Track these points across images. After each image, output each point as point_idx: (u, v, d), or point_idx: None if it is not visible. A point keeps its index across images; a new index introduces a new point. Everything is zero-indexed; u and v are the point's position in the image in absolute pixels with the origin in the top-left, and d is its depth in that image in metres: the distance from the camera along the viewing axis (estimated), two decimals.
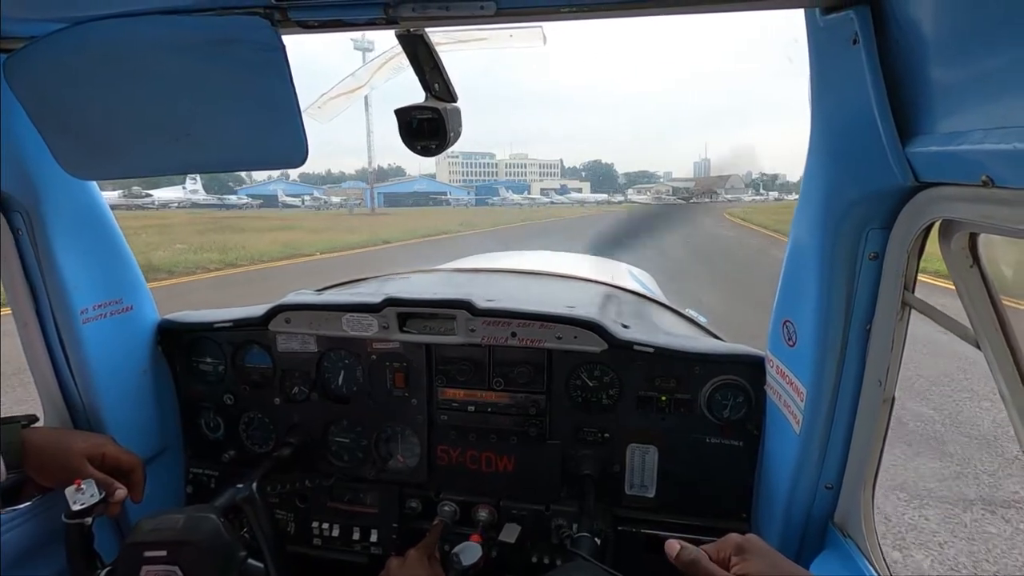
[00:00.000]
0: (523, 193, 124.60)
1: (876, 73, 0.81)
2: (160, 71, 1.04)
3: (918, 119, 0.80)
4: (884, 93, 0.81)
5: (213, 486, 1.84)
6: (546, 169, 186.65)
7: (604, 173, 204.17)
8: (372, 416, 1.74)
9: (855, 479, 1.18)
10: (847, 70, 0.86)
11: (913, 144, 0.81)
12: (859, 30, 0.80)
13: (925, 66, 0.75)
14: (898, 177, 0.85)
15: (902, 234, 0.98)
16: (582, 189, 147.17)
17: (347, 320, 1.65)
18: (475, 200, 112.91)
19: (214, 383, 1.82)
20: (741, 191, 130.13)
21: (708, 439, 1.57)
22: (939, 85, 0.75)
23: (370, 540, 1.75)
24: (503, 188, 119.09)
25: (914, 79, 0.78)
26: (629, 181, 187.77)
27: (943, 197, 0.86)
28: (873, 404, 1.11)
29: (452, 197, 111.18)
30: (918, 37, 0.75)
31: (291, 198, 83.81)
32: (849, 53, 0.83)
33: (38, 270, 1.40)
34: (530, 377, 1.64)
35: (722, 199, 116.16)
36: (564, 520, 1.64)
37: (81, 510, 1.23)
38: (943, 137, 0.76)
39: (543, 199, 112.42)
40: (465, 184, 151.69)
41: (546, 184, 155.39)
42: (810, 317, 1.13)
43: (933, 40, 0.73)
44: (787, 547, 1.31)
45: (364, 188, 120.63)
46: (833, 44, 0.87)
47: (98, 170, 1.27)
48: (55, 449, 1.30)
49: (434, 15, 0.94)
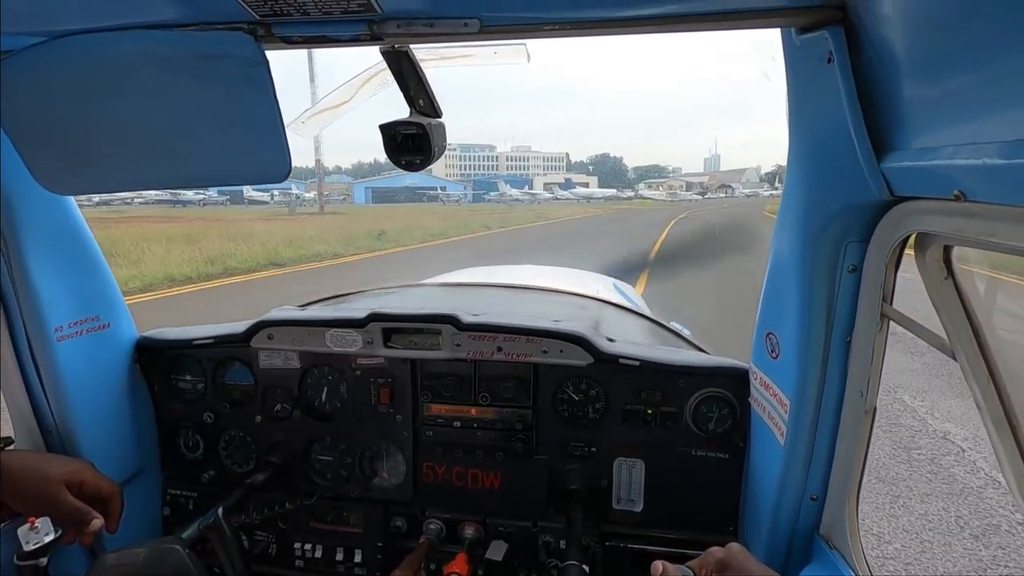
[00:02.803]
0: (524, 188, 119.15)
1: (851, 91, 0.83)
2: (142, 86, 1.03)
3: (892, 135, 0.82)
4: (859, 110, 0.83)
5: (191, 507, 1.79)
6: (551, 162, 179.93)
7: (613, 167, 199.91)
8: (356, 433, 1.72)
9: (840, 490, 1.19)
10: (823, 87, 0.88)
11: (888, 159, 0.84)
12: (833, 49, 0.83)
13: (897, 84, 0.78)
14: (874, 192, 0.87)
15: (879, 247, 1.00)
16: (589, 184, 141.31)
17: (331, 336, 1.64)
18: (472, 196, 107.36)
19: (194, 401, 1.78)
20: (757, 185, 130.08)
21: (694, 452, 1.57)
22: (911, 102, 0.77)
23: (354, 560, 1.71)
24: (502, 183, 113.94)
25: (887, 96, 0.81)
26: (639, 176, 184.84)
27: (917, 211, 0.88)
28: (855, 415, 1.12)
29: (443, 193, 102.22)
30: (890, 56, 0.77)
31: (258, 193, 76.79)
32: (824, 71, 0.85)
33: (11, 285, 1.36)
34: (516, 392, 1.63)
35: (739, 193, 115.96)
36: (551, 537, 1.62)
37: (35, 550, 1.18)
38: (916, 152, 0.78)
39: (545, 195, 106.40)
40: (463, 178, 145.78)
41: (550, 178, 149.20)
42: (792, 329, 1.15)
43: (904, 59, 0.75)
44: (774, 559, 1.31)
45: (350, 183, 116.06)
46: (809, 62, 0.89)
47: (76, 185, 1.25)
48: (32, 474, 1.25)
49: (418, 32, 0.95)
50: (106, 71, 1.02)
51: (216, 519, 1.37)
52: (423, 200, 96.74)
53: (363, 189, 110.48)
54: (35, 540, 1.18)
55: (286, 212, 53.89)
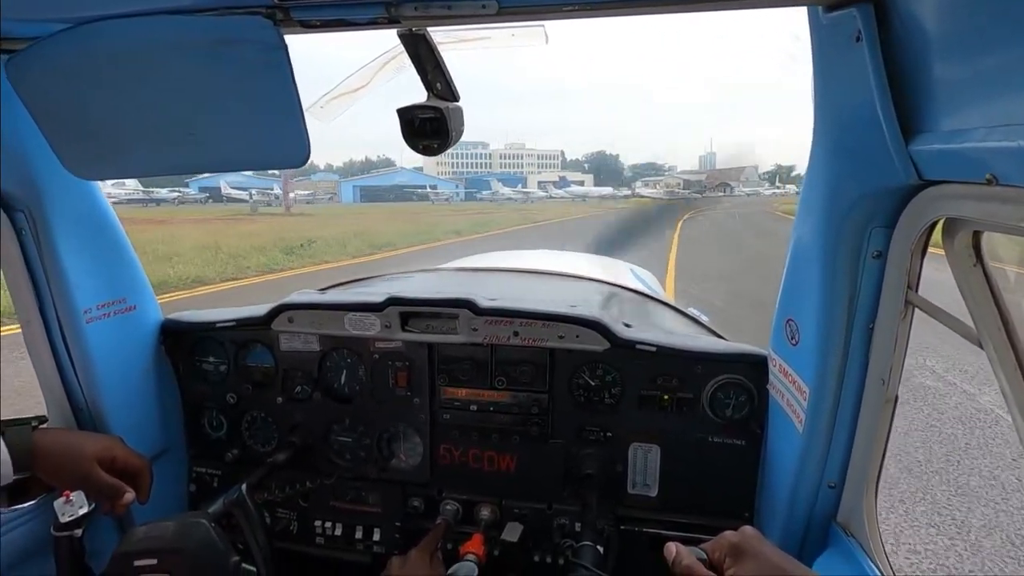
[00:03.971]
0: (517, 186, 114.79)
1: (879, 71, 0.81)
2: (162, 71, 1.04)
3: (921, 117, 0.80)
4: (887, 91, 0.81)
5: (216, 485, 1.85)
6: (545, 160, 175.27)
7: (609, 165, 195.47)
8: (374, 415, 1.74)
9: (858, 478, 1.18)
10: (850, 68, 0.85)
11: (916, 142, 0.81)
12: (862, 27, 0.80)
13: (928, 63, 0.75)
14: (901, 175, 0.85)
15: (905, 233, 0.98)
16: (584, 182, 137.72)
17: (350, 319, 1.66)
18: (464, 194, 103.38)
19: (217, 382, 1.82)
20: (757, 184, 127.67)
21: (710, 438, 1.57)
22: (943, 82, 0.75)
23: (373, 539, 1.75)
24: (495, 181, 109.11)
25: (917, 77, 0.78)
26: (636, 174, 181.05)
27: (946, 195, 0.85)
28: (876, 403, 1.11)
29: (433, 192, 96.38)
30: (922, 34, 0.75)
31: (236, 191, 72.23)
32: (852, 51, 0.83)
33: (41, 270, 1.40)
34: (532, 376, 1.64)
35: (738, 192, 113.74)
36: (566, 519, 1.64)
37: (70, 521, 1.23)
38: (946, 135, 0.76)
39: (539, 193, 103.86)
40: (455, 176, 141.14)
41: (544, 176, 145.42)
42: (813, 316, 1.13)
43: (937, 37, 0.73)
44: (789, 546, 1.31)
45: (337, 181, 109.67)
46: (836, 41, 0.87)
47: (101, 170, 1.27)
48: (65, 451, 1.30)
49: (436, 14, 0.94)
50: (128, 57, 1.03)
51: (240, 495, 1.41)
52: (413, 199, 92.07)
53: (351, 188, 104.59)
54: (70, 513, 1.23)
55: (248, 211, 48.58)
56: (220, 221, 34.47)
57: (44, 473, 1.29)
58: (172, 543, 1.15)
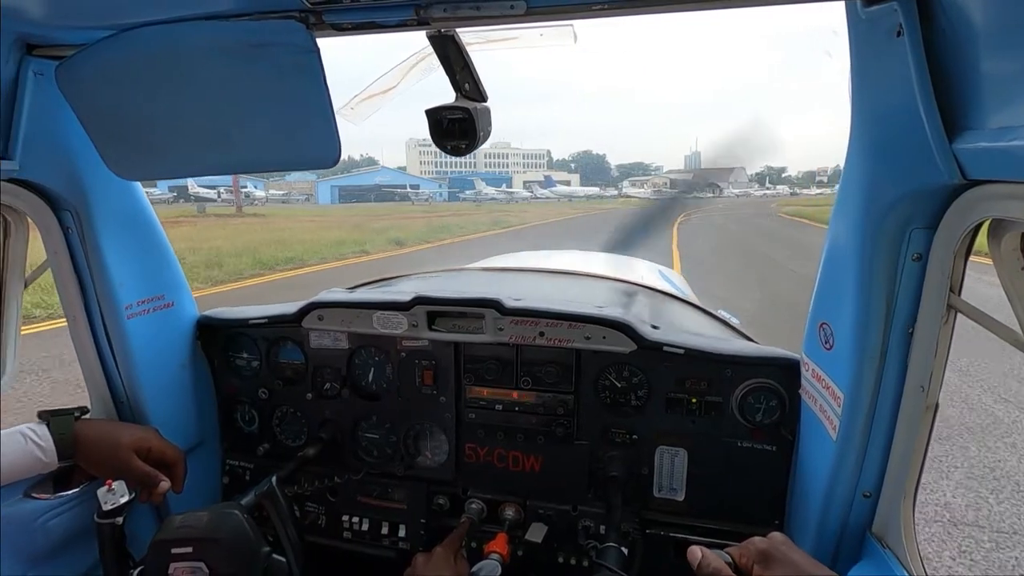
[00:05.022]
0: (502, 186, 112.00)
1: (921, 66, 0.78)
2: (199, 75, 1.07)
3: (966, 114, 0.77)
4: (929, 87, 0.78)
5: (248, 478, 1.90)
6: (531, 160, 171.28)
7: (595, 165, 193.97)
8: (401, 413, 1.76)
9: (895, 488, 1.14)
10: (890, 64, 0.83)
11: (960, 140, 0.78)
12: (903, 22, 0.77)
13: (975, 58, 0.72)
14: (944, 175, 0.82)
15: (948, 234, 0.94)
16: (570, 182, 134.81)
17: (378, 318, 1.68)
18: (447, 194, 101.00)
19: (249, 378, 1.87)
20: (746, 185, 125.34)
21: (740, 443, 1.54)
22: (990, 78, 0.72)
23: (398, 535, 1.78)
24: (479, 180, 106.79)
25: (962, 72, 0.75)
26: (623, 173, 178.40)
27: (993, 195, 0.82)
28: (915, 411, 1.07)
29: (413, 192, 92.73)
30: (967, 28, 0.72)
31: (204, 190, 68.73)
32: (892, 46, 0.80)
33: (86, 266, 1.46)
34: (558, 377, 1.63)
35: (728, 193, 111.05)
36: (591, 521, 1.63)
37: (111, 509, 1.29)
38: (994, 132, 0.72)
39: (524, 193, 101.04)
40: (438, 176, 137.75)
41: (530, 176, 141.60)
42: (848, 319, 1.10)
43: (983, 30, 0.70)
44: (822, 555, 1.27)
45: (314, 181, 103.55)
46: (875, 37, 0.84)
47: (142, 171, 1.32)
48: (105, 441, 1.36)
49: (465, 15, 0.95)
50: (167, 61, 1.07)
51: (271, 487, 1.45)
52: (395, 199, 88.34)
53: (329, 188, 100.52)
54: (112, 501, 1.28)
55: (194, 212, 43.93)
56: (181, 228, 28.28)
57: (84, 461, 1.35)
58: (207, 532, 1.19)
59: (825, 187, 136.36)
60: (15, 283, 1.51)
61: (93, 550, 1.34)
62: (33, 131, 1.22)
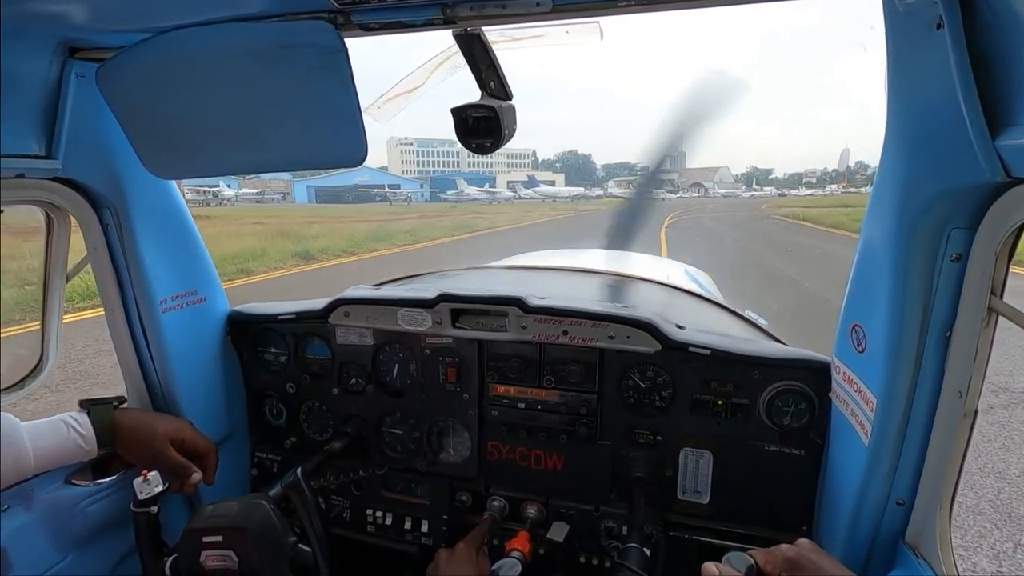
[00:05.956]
0: (485, 186, 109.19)
1: (962, 60, 0.75)
2: (231, 75, 1.10)
3: (1010, 109, 0.74)
4: (971, 81, 0.75)
5: (275, 471, 1.94)
6: (516, 159, 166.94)
7: (580, 165, 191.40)
8: (424, 409, 1.78)
9: (930, 496, 1.10)
10: (929, 57, 0.80)
11: (1004, 136, 0.75)
12: (943, 14, 0.75)
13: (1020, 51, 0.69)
14: (986, 172, 0.79)
15: (989, 234, 0.90)
16: (555, 182, 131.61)
17: (403, 315, 1.70)
18: (429, 195, 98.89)
19: (278, 372, 1.91)
20: (733, 185, 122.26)
21: (767, 447, 1.51)
22: None
23: (421, 530, 1.79)
24: (461, 180, 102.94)
25: (1006, 65, 0.72)
26: (609, 173, 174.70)
27: None
28: (952, 417, 1.03)
29: (392, 192, 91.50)
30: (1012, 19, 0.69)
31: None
32: (931, 39, 0.77)
33: (124, 262, 1.51)
34: (581, 376, 1.62)
35: (713, 193, 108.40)
36: (613, 522, 1.62)
37: (147, 499, 1.34)
38: None
39: (507, 193, 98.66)
40: (420, 175, 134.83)
41: (514, 176, 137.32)
42: (882, 321, 1.06)
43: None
44: (852, 564, 1.24)
45: (289, 180, 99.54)
46: (914, 30, 0.81)
47: (177, 170, 1.36)
48: (141, 430, 1.41)
49: (491, 13, 0.95)
50: (201, 63, 1.09)
51: (296, 478, 1.48)
52: (376, 199, 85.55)
53: (305, 188, 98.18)
54: (147, 491, 1.34)
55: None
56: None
57: (122, 448, 1.40)
58: (236, 522, 1.22)
59: (814, 188, 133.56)
60: (57, 277, 1.57)
61: (128, 536, 1.39)
62: (75, 131, 1.27)
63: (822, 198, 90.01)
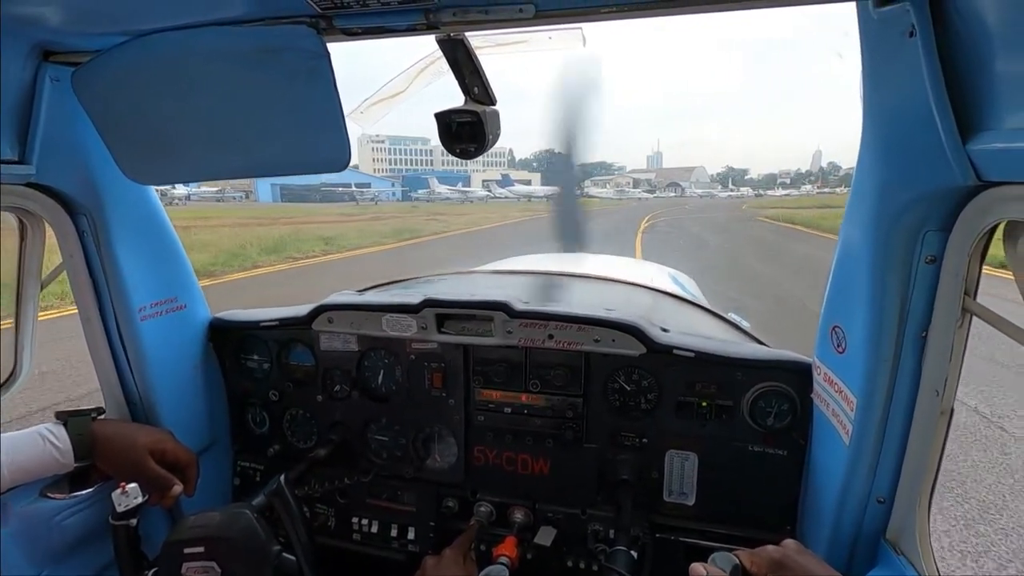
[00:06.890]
0: (458, 185, 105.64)
1: (934, 67, 0.77)
2: (212, 80, 1.09)
3: (980, 115, 0.76)
4: (943, 88, 0.77)
5: (258, 479, 1.91)
6: (492, 158, 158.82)
7: (558, 164, 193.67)
8: (410, 415, 1.77)
9: (909, 493, 1.12)
10: (902, 64, 0.82)
11: (975, 141, 0.77)
12: (916, 22, 0.77)
13: (989, 58, 0.71)
14: (958, 176, 0.81)
15: (962, 236, 0.93)
16: (531, 181, 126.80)
17: (387, 320, 1.69)
18: (400, 194, 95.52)
19: (260, 380, 1.89)
20: (709, 185, 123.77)
21: (751, 447, 1.52)
22: (1004, 79, 0.71)
23: (407, 538, 1.78)
24: (433, 179, 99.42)
25: (976, 72, 0.74)
26: (585, 173, 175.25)
27: (1009, 197, 0.81)
28: (930, 415, 1.05)
29: (359, 191, 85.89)
30: (982, 27, 0.71)
31: None
32: (905, 46, 0.79)
33: (101, 269, 1.48)
34: (567, 380, 1.63)
35: (690, 193, 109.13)
36: (600, 525, 1.62)
37: (126, 511, 1.30)
38: (1009, 133, 0.71)
39: (481, 192, 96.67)
40: (392, 174, 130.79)
41: (490, 175, 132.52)
42: (861, 323, 1.08)
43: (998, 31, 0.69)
44: (835, 562, 1.26)
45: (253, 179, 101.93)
46: (887, 37, 0.83)
47: (156, 175, 1.34)
48: (121, 442, 1.38)
49: (474, 19, 0.95)
50: (180, 67, 1.08)
51: (279, 485, 1.46)
52: (344, 199, 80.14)
53: (269, 187, 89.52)
54: (126, 503, 1.30)
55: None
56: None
57: (101, 461, 1.37)
58: (217, 531, 1.20)
59: (789, 188, 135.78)
60: (32, 285, 1.54)
61: (107, 549, 1.35)
62: (50, 136, 1.24)
63: (800, 198, 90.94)
